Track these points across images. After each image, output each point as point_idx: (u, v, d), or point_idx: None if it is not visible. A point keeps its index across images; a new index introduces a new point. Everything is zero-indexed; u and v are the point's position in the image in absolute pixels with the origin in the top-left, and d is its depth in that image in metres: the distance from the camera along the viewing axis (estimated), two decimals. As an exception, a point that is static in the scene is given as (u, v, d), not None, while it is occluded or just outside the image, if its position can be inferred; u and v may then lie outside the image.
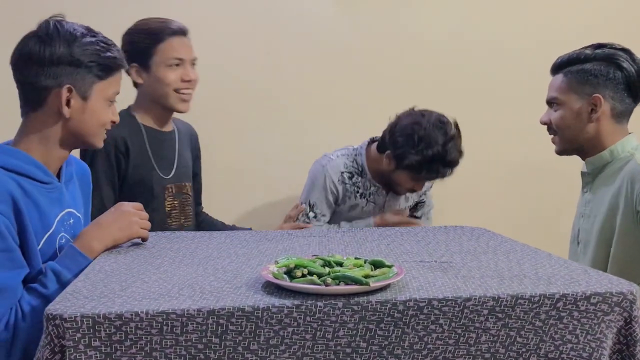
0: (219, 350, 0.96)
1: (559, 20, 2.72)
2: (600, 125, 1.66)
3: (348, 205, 2.16)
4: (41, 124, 1.29)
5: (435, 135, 1.98)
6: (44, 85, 1.25)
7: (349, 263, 1.10)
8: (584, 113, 1.66)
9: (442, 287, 1.05)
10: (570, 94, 1.68)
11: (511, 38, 2.69)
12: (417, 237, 1.52)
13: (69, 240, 1.35)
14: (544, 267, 1.19)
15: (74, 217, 1.41)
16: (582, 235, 1.72)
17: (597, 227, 1.66)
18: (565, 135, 1.71)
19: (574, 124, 1.68)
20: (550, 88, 1.73)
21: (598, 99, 1.64)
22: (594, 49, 1.68)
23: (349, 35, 2.62)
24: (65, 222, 1.36)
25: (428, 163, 1.98)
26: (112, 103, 1.35)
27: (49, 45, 1.24)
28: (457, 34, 2.69)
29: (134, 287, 1.07)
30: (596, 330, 1.03)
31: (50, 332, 0.93)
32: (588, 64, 1.66)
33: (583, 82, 1.66)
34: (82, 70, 1.26)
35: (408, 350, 1.00)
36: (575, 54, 1.69)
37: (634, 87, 1.66)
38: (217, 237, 1.53)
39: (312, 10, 2.60)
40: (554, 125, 1.72)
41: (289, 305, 0.97)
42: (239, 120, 2.59)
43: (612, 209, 1.61)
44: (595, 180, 1.71)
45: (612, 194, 1.62)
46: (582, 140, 1.69)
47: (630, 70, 1.64)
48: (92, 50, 1.27)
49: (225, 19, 2.55)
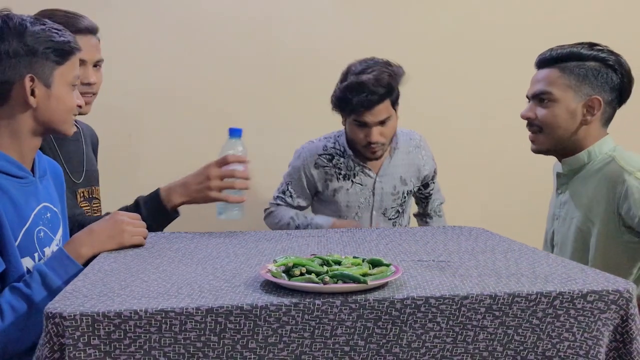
0: (218, 348, 0.97)
1: (559, 20, 2.73)
2: (589, 127, 1.62)
3: (331, 190, 2.10)
4: (9, 118, 1.28)
5: (355, 67, 1.95)
6: (4, 79, 1.25)
7: (347, 262, 1.11)
8: (579, 114, 1.61)
9: (440, 285, 1.06)
10: (567, 92, 1.61)
11: (511, 38, 2.70)
12: (416, 237, 1.52)
13: (47, 234, 1.35)
14: (542, 266, 1.19)
15: (51, 212, 1.39)
16: (558, 238, 1.69)
17: (574, 230, 1.63)
18: (553, 135, 1.64)
19: (565, 124, 1.62)
20: (541, 82, 1.64)
21: (597, 101, 1.60)
22: (590, 47, 1.62)
23: (349, 35, 2.63)
24: (43, 216, 1.35)
25: (344, 93, 1.92)
26: (74, 87, 1.35)
27: (2, 41, 1.24)
28: (457, 33, 2.70)
29: (133, 286, 1.07)
30: (593, 327, 1.04)
31: (50, 331, 0.94)
32: (589, 62, 1.60)
33: (582, 81, 1.60)
34: (40, 59, 1.26)
35: (406, 349, 1.00)
36: (574, 50, 1.61)
37: (624, 93, 1.63)
38: (216, 237, 1.54)
39: (311, 10, 2.61)
40: (541, 122, 1.64)
41: (287, 304, 0.98)
42: (238, 120, 2.59)
43: (590, 211, 1.58)
44: (571, 181, 1.67)
45: (590, 196, 1.59)
46: (569, 141, 1.63)
47: (624, 75, 1.61)
48: (44, 37, 1.27)
49: (225, 18, 2.56)
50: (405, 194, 2.13)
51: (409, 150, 2.14)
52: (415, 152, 2.15)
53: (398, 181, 2.11)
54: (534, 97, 1.67)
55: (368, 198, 2.10)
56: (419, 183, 2.17)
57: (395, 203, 2.13)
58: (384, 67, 1.95)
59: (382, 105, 1.94)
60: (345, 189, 2.10)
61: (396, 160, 2.12)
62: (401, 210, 2.16)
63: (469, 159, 2.65)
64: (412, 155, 2.14)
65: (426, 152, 2.17)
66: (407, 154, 2.14)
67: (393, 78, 1.94)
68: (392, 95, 1.96)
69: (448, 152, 2.56)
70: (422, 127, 2.28)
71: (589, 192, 1.60)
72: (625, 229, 1.53)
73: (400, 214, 2.17)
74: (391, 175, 2.11)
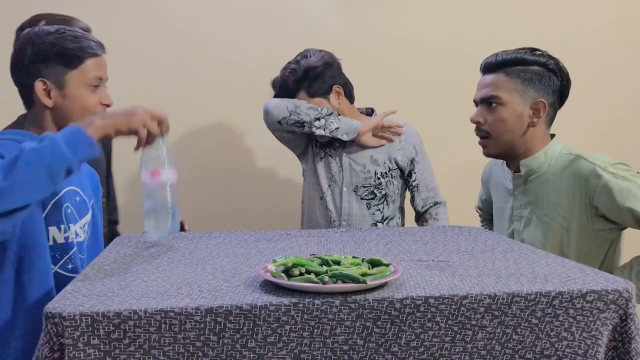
0: (217, 348, 0.97)
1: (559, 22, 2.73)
2: (536, 129, 1.67)
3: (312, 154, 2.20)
4: (36, 118, 1.43)
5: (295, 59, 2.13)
6: (25, 84, 1.41)
7: (346, 262, 1.11)
8: (526, 116, 1.65)
9: (439, 285, 1.06)
10: (514, 95, 1.65)
11: (511, 39, 2.70)
12: (415, 237, 1.52)
13: (74, 213, 1.44)
14: (541, 266, 1.19)
15: (80, 197, 1.48)
16: (523, 237, 1.72)
17: (544, 227, 1.66)
18: (501, 139, 1.68)
19: (513, 127, 1.66)
20: (489, 86, 1.68)
21: (542, 104, 1.65)
22: (532, 52, 1.67)
23: (350, 35, 2.63)
24: (72, 197, 1.45)
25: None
26: (95, 87, 1.43)
27: (22, 50, 1.39)
28: (457, 34, 2.70)
29: (133, 286, 1.07)
30: (592, 327, 1.04)
31: (50, 331, 0.94)
32: (533, 66, 1.66)
33: (527, 84, 1.65)
34: (51, 64, 1.39)
35: (405, 348, 1.01)
36: (518, 55, 1.66)
37: (564, 95, 1.69)
38: (215, 238, 1.54)
39: (312, 9, 2.61)
40: (490, 126, 1.68)
41: (286, 304, 0.98)
42: (238, 120, 2.60)
43: (561, 207, 1.63)
44: (528, 181, 1.71)
45: (558, 193, 1.64)
46: (517, 144, 1.68)
47: (564, 79, 1.67)
48: (56, 44, 1.39)
49: (225, 18, 2.56)
50: (379, 175, 2.13)
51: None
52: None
53: (368, 160, 2.13)
54: (482, 102, 1.71)
55: (338, 172, 2.15)
56: (395, 167, 2.14)
57: (367, 183, 2.12)
58: (291, 64, 2.13)
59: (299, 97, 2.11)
60: (319, 158, 2.18)
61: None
62: (378, 193, 2.13)
63: (470, 158, 2.64)
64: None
65: (407, 138, 2.15)
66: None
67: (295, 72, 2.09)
68: (299, 89, 2.10)
69: (447, 152, 2.56)
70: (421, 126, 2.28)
71: (556, 189, 1.65)
72: (597, 218, 1.60)
73: (377, 198, 2.13)
74: (360, 154, 2.14)
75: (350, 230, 1.68)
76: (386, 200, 2.14)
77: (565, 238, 1.64)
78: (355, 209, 2.12)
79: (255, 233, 1.61)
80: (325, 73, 2.10)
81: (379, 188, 2.13)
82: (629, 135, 2.80)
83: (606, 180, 1.55)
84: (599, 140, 2.67)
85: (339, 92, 2.13)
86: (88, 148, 1.20)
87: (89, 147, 1.20)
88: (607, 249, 1.64)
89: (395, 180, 2.14)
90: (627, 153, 2.04)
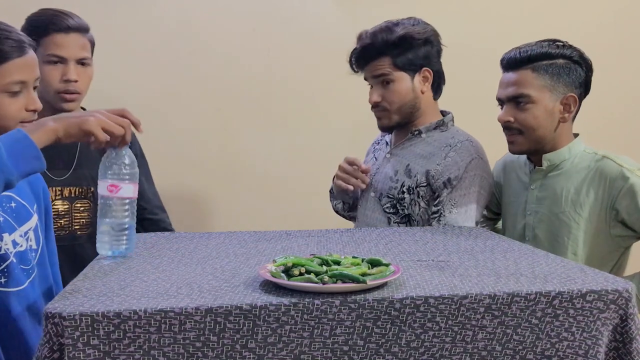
0: (217, 348, 0.97)
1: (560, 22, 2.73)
2: (565, 125, 1.66)
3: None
4: None
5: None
6: None
7: (346, 262, 1.11)
8: (556, 112, 1.63)
9: (439, 285, 1.06)
10: (544, 92, 1.61)
11: (511, 39, 2.69)
12: (415, 237, 1.52)
13: (8, 221, 1.29)
14: (541, 266, 1.19)
15: (17, 202, 1.33)
16: (535, 232, 1.70)
17: (558, 223, 1.65)
18: (534, 135, 1.64)
19: (545, 124, 1.63)
20: (516, 84, 1.63)
21: (573, 98, 1.63)
22: (555, 45, 1.63)
23: (350, 35, 2.62)
24: (4, 203, 1.30)
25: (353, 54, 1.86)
26: (14, 94, 1.27)
27: None
28: (458, 33, 2.69)
29: (133, 286, 1.07)
30: (592, 327, 1.04)
31: (49, 331, 0.94)
32: (559, 60, 1.62)
33: (556, 80, 1.61)
34: None
35: (405, 348, 1.00)
36: (542, 49, 1.62)
37: (588, 87, 1.66)
38: (215, 238, 1.54)
39: (313, 9, 2.61)
40: (521, 124, 1.64)
41: (286, 304, 0.98)
42: (239, 120, 2.60)
43: (579, 204, 1.61)
44: (547, 176, 1.69)
45: (578, 190, 1.62)
46: (547, 139, 1.65)
47: (588, 69, 1.64)
48: None
49: (225, 18, 2.55)
50: (405, 189, 1.76)
51: (433, 142, 1.82)
52: (440, 147, 1.78)
53: (403, 168, 1.80)
54: (510, 100, 1.66)
55: (373, 172, 1.90)
56: (425, 183, 1.74)
57: (391, 192, 1.80)
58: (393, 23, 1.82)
59: (378, 62, 1.81)
60: (370, 154, 2.01)
61: (414, 144, 1.84)
62: (401, 210, 1.77)
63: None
64: (432, 148, 1.80)
65: (455, 155, 1.75)
66: (428, 144, 1.82)
67: (390, 32, 1.79)
68: (390, 52, 1.79)
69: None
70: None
71: (577, 187, 1.63)
72: (615, 222, 1.59)
73: (399, 215, 1.78)
74: (400, 156, 1.84)
75: (350, 230, 1.68)
76: (409, 224, 1.78)
77: (580, 238, 1.61)
78: (376, 220, 1.83)
79: (255, 233, 1.61)
80: (423, 49, 1.81)
81: (402, 204, 1.78)
82: (623, 133, 2.78)
83: (632, 183, 1.54)
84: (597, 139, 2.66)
85: (427, 78, 1.83)
86: (34, 161, 1.08)
87: (35, 160, 1.08)
88: (619, 257, 1.62)
89: (423, 202, 1.75)
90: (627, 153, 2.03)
